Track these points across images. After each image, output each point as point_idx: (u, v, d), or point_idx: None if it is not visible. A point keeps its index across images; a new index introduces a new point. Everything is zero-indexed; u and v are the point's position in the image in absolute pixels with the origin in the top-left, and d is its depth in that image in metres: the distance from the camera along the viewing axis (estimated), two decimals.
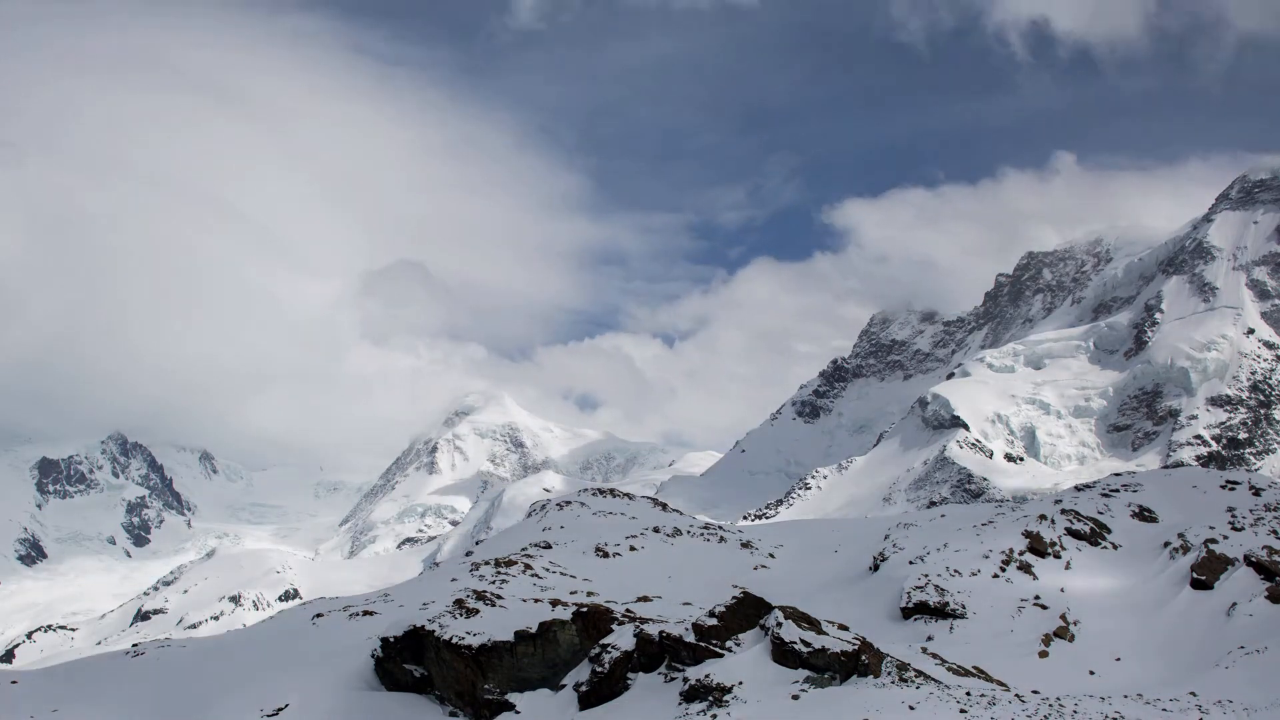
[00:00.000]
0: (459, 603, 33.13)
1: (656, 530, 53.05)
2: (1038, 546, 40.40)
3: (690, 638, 27.72)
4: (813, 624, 26.96)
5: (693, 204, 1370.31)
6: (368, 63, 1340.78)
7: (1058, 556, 40.11)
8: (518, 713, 29.43)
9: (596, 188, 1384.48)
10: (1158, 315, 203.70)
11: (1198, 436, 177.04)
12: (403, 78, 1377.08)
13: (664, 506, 62.82)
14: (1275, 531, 39.16)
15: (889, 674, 25.81)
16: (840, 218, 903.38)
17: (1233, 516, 41.05)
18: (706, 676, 25.76)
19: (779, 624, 26.61)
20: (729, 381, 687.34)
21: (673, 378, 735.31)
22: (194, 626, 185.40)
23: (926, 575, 38.04)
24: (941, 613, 35.67)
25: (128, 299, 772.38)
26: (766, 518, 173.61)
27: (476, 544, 71.04)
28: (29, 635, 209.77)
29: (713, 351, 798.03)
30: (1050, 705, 23.03)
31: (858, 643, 26.38)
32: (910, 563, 40.48)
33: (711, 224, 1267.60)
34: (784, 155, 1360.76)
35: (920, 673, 26.51)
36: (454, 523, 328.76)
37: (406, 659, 31.94)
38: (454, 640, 30.75)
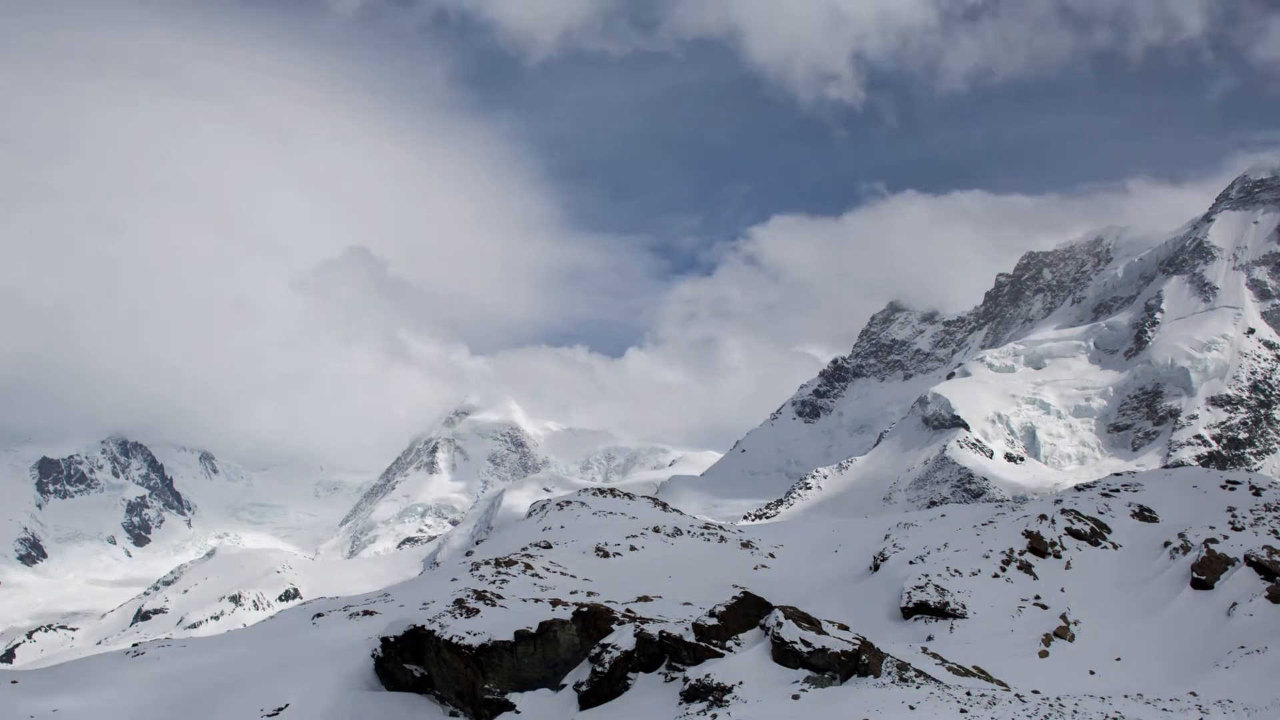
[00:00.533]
0: (459, 603, 33.12)
1: (656, 530, 53.05)
2: (1038, 546, 40.39)
3: (690, 638, 27.71)
4: (813, 624, 26.96)
5: (652, 227, 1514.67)
6: (361, 83, 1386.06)
7: (1058, 556, 40.10)
8: (518, 713, 29.43)
9: (562, 212, 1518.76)
10: (1158, 315, 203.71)
11: (1198, 436, 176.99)
12: (395, 102, 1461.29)
13: (664, 506, 62.83)
14: (1275, 531, 39.15)
15: (889, 674, 25.81)
16: (767, 238, 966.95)
17: (1233, 516, 41.02)
18: (707, 676, 25.76)
19: (779, 624, 26.61)
20: (667, 390, 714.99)
21: (635, 385, 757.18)
22: (194, 626, 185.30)
23: (927, 575, 38.05)
24: (942, 613, 35.67)
25: (128, 299, 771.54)
26: (766, 518, 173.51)
27: (476, 544, 71.01)
28: (29, 635, 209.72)
29: (664, 362, 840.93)
30: (1050, 705, 23.04)
31: (858, 643, 26.38)
32: (910, 563, 40.49)
33: (671, 245, 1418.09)
34: (734, 185, 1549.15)
35: (920, 673, 26.51)
36: (454, 523, 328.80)
37: (407, 659, 31.93)
38: (454, 640, 30.74)
